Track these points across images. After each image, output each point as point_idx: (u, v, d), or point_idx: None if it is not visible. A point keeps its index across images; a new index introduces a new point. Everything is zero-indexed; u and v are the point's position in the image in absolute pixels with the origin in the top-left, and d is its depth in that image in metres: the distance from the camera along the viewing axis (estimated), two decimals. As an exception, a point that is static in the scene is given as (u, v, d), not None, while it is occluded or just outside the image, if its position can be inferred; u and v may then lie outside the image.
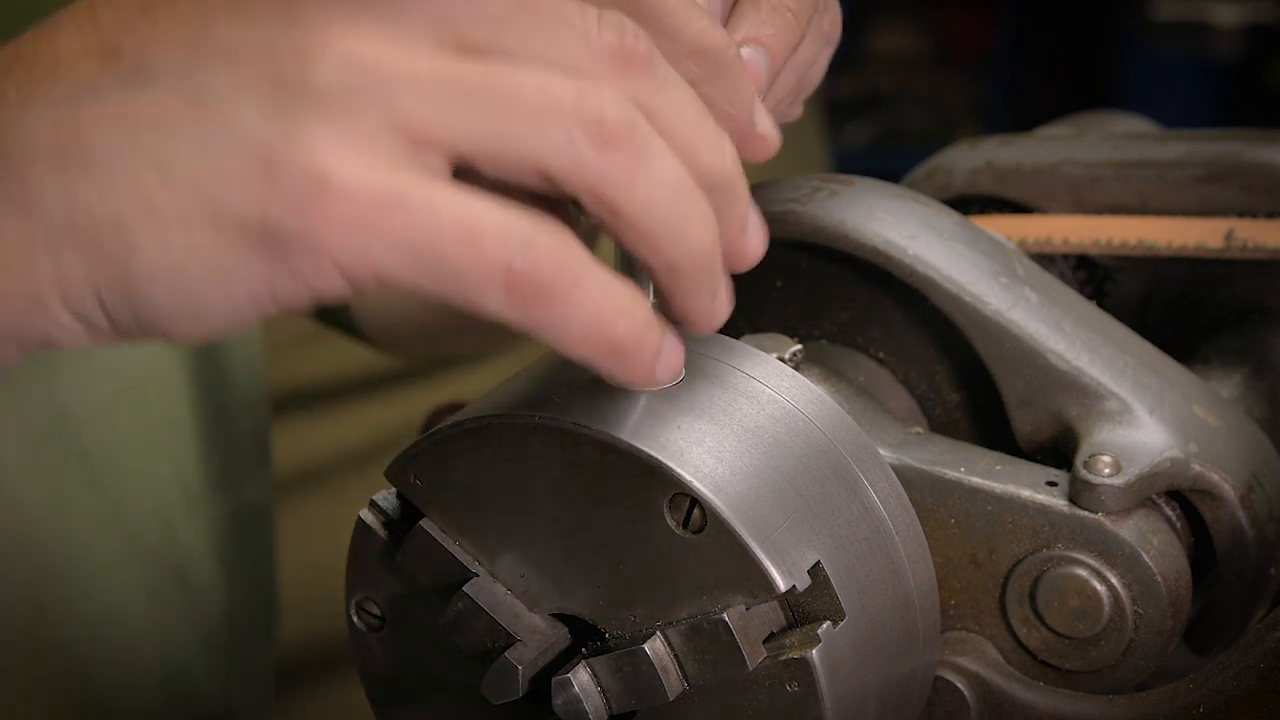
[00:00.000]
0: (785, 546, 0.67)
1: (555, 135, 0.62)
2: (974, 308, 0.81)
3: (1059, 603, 0.76)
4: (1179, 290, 0.91)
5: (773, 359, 0.74)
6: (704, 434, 0.69)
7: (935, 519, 0.77)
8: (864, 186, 0.84)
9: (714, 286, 0.67)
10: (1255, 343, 0.89)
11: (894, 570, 0.71)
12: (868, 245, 0.82)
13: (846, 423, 0.73)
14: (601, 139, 0.63)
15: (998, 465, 0.78)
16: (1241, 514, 0.79)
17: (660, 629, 0.68)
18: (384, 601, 0.74)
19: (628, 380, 0.66)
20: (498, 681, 0.70)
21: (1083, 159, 0.93)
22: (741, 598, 0.67)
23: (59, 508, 1.06)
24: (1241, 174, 0.89)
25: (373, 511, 0.73)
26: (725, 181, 0.67)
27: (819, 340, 0.86)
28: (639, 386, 0.68)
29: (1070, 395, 0.80)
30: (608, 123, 0.63)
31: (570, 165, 0.63)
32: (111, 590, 1.08)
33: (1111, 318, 0.84)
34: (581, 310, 0.63)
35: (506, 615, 0.70)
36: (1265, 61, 3.45)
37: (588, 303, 0.63)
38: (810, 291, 0.85)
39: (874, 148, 3.91)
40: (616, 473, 0.68)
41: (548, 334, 0.63)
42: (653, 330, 0.65)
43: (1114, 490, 0.75)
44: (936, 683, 0.76)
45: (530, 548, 0.70)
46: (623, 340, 0.64)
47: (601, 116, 0.63)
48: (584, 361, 0.65)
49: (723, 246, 0.67)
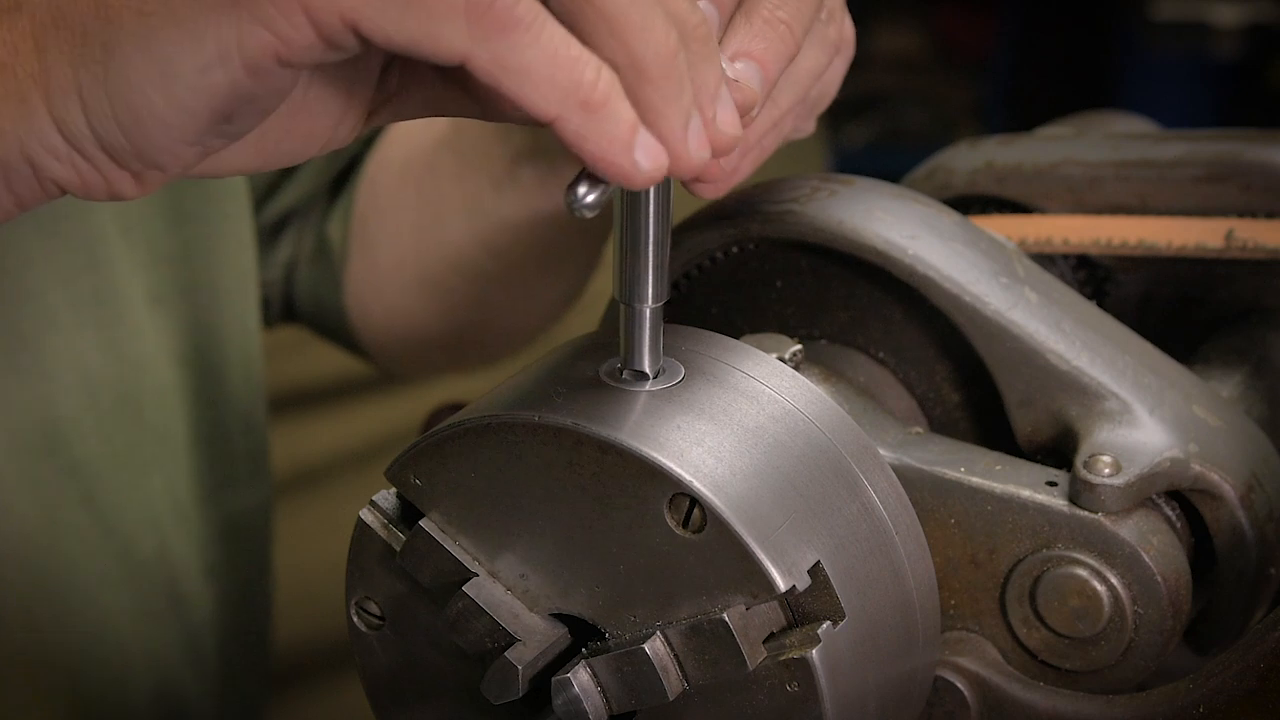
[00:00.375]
0: (785, 546, 0.67)
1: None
2: (974, 308, 0.81)
3: (1059, 603, 0.76)
4: (1179, 290, 0.91)
5: (773, 359, 0.74)
6: (704, 434, 0.69)
7: (935, 519, 0.77)
8: (864, 186, 0.84)
9: (683, 102, 0.66)
10: (1255, 343, 0.89)
11: (894, 570, 0.71)
12: (868, 245, 0.82)
13: (846, 423, 0.73)
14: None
15: (998, 465, 0.78)
16: (1241, 514, 0.79)
17: (660, 629, 0.68)
18: (384, 601, 0.74)
19: (605, 153, 0.64)
20: (498, 681, 0.70)
21: (1083, 159, 0.93)
22: (741, 598, 0.67)
23: (52, 522, 1.05)
24: (1241, 174, 0.89)
25: (373, 511, 0.73)
26: (694, 33, 0.67)
27: (819, 340, 0.86)
28: (619, 167, 0.64)
29: (1070, 395, 0.80)
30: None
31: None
32: (103, 605, 1.08)
33: (1111, 318, 0.84)
34: (545, 45, 0.63)
35: (506, 615, 0.70)
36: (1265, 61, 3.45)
37: (551, 40, 0.63)
38: (810, 291, 0.85)
39: (874, 148, 3.91)
40: (616, 473, 0.68)
41: (513, 80, 0.63)
42: (623, 99, 0.65)
43: (1114, 490, 0.75)
44: (936, 683, 0.76)
45: (530, 547, 0.70)
46: (590, 89, 0.64)
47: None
48: (553, 118, 0.64)
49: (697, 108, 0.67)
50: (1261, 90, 3.44)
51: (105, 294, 1.06)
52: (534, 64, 0.63)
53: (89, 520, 1.07)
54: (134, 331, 1.08)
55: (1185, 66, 3.49)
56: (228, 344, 1.13)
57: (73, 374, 1.05)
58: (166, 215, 1.09)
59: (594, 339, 0.74)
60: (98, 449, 1.06)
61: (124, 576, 1.08)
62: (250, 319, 1.16)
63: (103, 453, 1.07)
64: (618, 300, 0.70)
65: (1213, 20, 3.48)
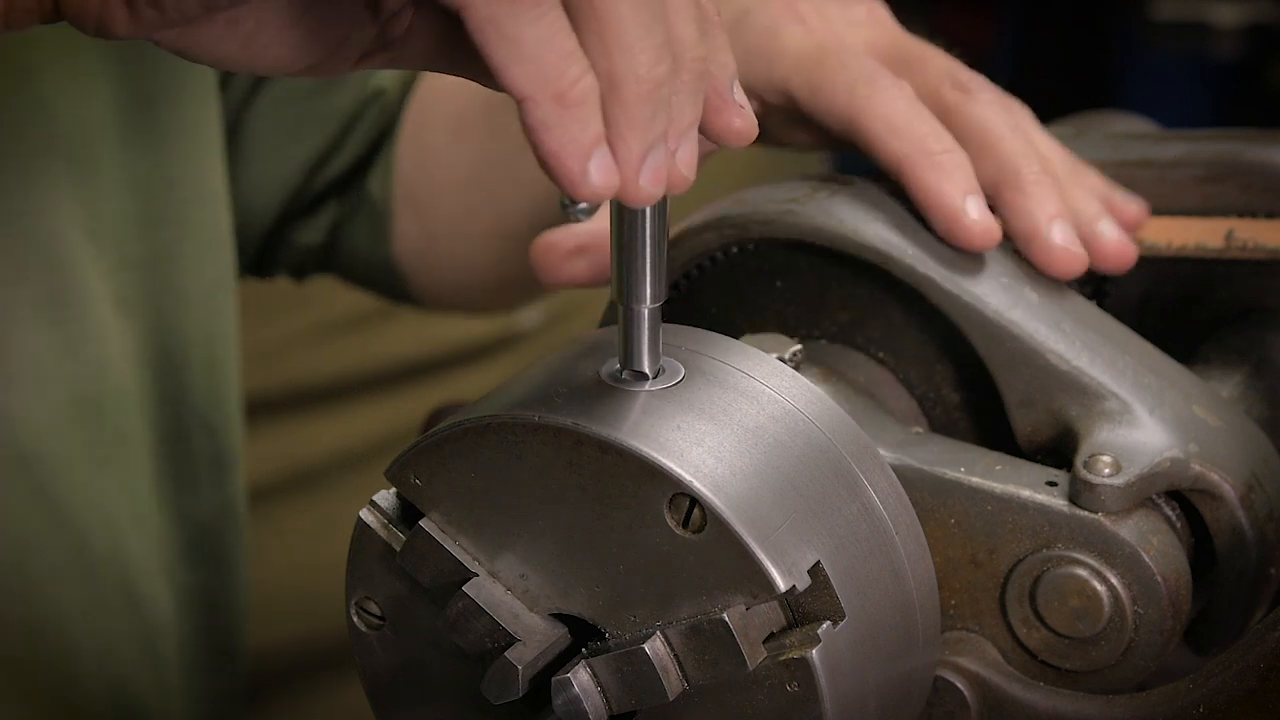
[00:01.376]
0: (785, 546, 0.67)
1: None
2: (974, 308, 0.81)
3: (1059, 603, 0.76)
4: (1179, 290, 0.91)
5: (773, 359, 0.74)
6: (704, 434, 0.69)
7: (935, 519, 0.77)
8: (864, 186, 0.84)
9: (649, 134, 0.65)
10: (1255, 343, 0.89)
11: (894, 570, 0.71)
12: (868, 245, 0.82)
13: (846, 423, 0.73)
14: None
15: (998, 465, 0.78)
16: (1241, 514, 0.79)
17: (660, 629, 0.68)
18: (384, 601, 0.74)
19: (557, 150, 0.64)
20: (498, 682, 0.70)
21: (1083, 159, 0.93)
22: (741, 598, 0.67)
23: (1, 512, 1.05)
24: (1241, 174, 0.89)
25: (373, 511, 0.73)
26: (691, 65, 0.67)
27: (819, 340, 0.85)
28: (569, 171, 0.64)
29: (1070, 395, 0.80)
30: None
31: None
32: (51, 597, 1.07)
33: (1111, 318, 0.84)
34: (544, 27, 0.63)
35: (506, 615, 0.70)
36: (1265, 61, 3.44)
37: (551, 25, 0.63)
38: (810, 291, 0.85)
39: (874, 148, 3.90)
40: (616, 473, 0.68)
41: (499, 47, 0.63)
42: (597, 112, 0.64)
43: (1114, 490, 0.75)
44: (936, 683, 0.76)
45: (530, 547, 0.70)
46: (569, 84, 0.63)
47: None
48: (523, 98, 0.63)
49: (706, 112, 0.67)
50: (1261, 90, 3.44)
51: (66, 295, 1.05)
52: (526, 39, 0.63)
53: (39, 512, 1.06)
54: (95, 333, 1.07)
55: (1185, 66, 3.49)
56: (192, 348, 1.13)
57: (25, 369, 1.04)
58: (137, 220, 1.09)
59: (594, 339, 0.74)
60: (52, 445, 1.06)
61: (76, 571, 1.08)
62: (220, 324, 1.15)
63: (56, 449, 1.06)
64: (615, 301, 0.70)
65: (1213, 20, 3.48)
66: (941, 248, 0.82)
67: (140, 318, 1.10)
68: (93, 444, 1.08)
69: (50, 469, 1.06)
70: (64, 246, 1.05)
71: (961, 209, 0.82)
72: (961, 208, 0.82)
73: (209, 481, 1.16)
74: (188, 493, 1.15)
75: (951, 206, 0.82)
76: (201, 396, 1.15)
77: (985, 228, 0.82)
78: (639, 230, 0.69)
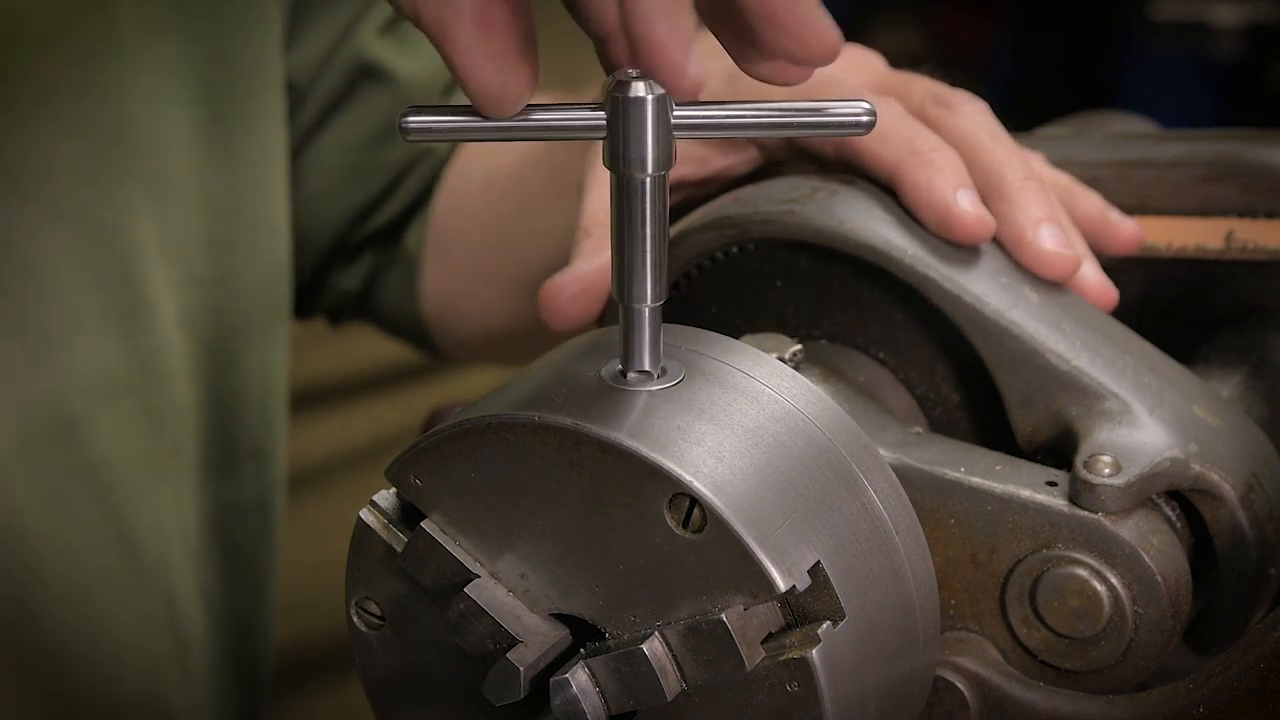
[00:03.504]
0: (785, 546, 0.67)
1: None
2: (974, 308, 0.81)
3: (1059, 603, 0.76)
4: (1179, 290, 0.91)
5: (773, 359, 0.74)
6: (704, 434, 0.69)
7: (935, 519, 0.77)
8: (864, 186, 0.84)
9: (678, 21, 0.64)
10: (1255, 343, 0.89)
11: (894, 570, 0.71)
12: (868, 245, 0.82)
13: (846, 423, 0.73)
14: None
15: (998, 465, 0.78)
16: (1241, 514, 0.79)
17: (659, 629, 0.68)
18: (384, 601, 0.74)
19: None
20: (499, 683, 0.69)
21: (1082, 159, 0.93)
22: (741, 598, 0.67)
23: (56, 514, 1.05)
24: (1241, 174, 0.89)
25: (373, 511, 0.73)
26: None
27: (819, 340, 0.86)
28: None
29: (1070, 395, 0.80)
30: None
31: None
32: (101, 602, 1.08)
33: (1111, 318, 0.84)
34: None
35: (508, 616, 0.70)
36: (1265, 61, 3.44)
37: None
38: (810, 291, 0.85)
39: (874, 147, 3.90)
40: (616, 473, 0.68)
41: None
42: None
43: (1114, 490, 0.75)
44: (936, 683, 0.76)
45: (531, 548, 0.70)
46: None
47: None
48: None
49: None
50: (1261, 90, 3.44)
51: (137, 308, 1.07)
52: None
53: (100, 517, 1.07)
54: (162, 348, 1.08)
55: (1185, 66, 3.49)
56: (248, 375, 1.14)
57: (93, 376, 1.05)
58: (205, 242, 1.10)
59: (594, 339, 0.74)
60: (115, 451, 1.07)
61: (129, 577, 1.09)
62: (275, 354, 1.17)
63: (120, 456, 1.07)
64: (616, 301, 0.70)
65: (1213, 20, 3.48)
66: (941, 247, 0.82)
67: (202, 339, 1.11)
68: (152, 455, 1.09)
69: (113, 477, 1.07)
70: (138, 261, 1.06)
71: (953, 200, 0.82)
72: (953, 199, 0.82)
73: (253, 505, 1.17)
74: (231, 515, 1.15)
75: (942, 199, 0.82)
76: (253, 423, 1.16)
77: (978, 217, 0.82)
78: (639, 230, 0.69)
